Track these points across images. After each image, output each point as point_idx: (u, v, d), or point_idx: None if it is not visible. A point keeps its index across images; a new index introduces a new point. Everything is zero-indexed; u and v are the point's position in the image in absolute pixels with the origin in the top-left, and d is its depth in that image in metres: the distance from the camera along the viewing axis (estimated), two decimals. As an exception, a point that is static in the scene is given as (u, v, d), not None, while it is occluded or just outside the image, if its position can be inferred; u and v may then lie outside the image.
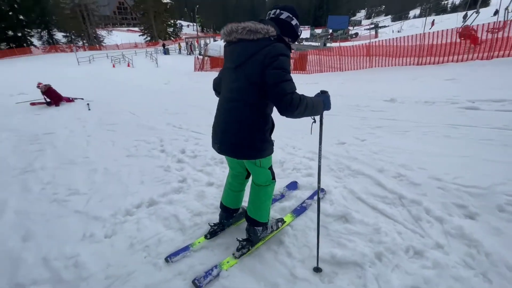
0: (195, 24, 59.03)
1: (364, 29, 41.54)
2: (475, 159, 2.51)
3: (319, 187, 1.68)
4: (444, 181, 2.19)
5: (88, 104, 6.92)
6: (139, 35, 52.07)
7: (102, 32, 46.25)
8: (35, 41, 40.48)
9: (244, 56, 1.33)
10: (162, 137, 4.17)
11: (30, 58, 30.51)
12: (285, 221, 1.95)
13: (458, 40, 8.07)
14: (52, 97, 7.10)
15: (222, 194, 1.89)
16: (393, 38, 9.72)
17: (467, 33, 8.15)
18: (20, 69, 18.27)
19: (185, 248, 1.77)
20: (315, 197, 2.19)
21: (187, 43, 33.68)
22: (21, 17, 37.48)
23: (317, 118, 1.58)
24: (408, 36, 9.15)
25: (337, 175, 2.56)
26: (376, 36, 34.30)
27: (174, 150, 3.58)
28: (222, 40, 1.45)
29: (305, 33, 50.96)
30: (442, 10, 59.36)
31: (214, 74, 14.35)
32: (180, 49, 34.04)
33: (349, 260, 1.58)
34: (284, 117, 1.35)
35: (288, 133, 3.72)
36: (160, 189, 2.59)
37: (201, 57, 19.69)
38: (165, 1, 52.83)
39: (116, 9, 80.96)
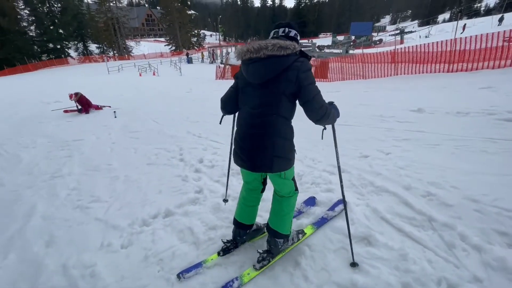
0: (217, 33, 60.83)
1: (389, 35, 40.30)
2: (517, 178, 2.26)
3: (344, 203, 1.61)
4: (481, 203, 1.98)
5: (114, 111, 7.25)
6: (165, 45, 54.57)
7: (131, 43, 49.08)
8: (71, 52, 43.94)
9: (275, 72, 1.36)
10: (182, 146, 4.24)
11: (67, 68, 33.00)
12: (306, 233, 1.89)
13: (499, 44, 7.44)
14: (83, 104, 7.54)
15: (236, 212, 1.84)
16: (420, 44, 9.28)
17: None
18: (57, 79, 19.76)
19: (198, 265, 1.73)
20: (336, 208, 2.09)
21: (209, 52, 34.66)
22: (60, 30, 40.94)
23: (328, 126, 1.67)
24: (437, 41, 8.70)
25: (359, 191, 2.41)
26: (401, 42, 33.11)
27: (192, 159, 3.61)
28: (240, 54, 1.46)
29: (327, 40, 50.51)
30: (474, 13, 56.20)
31: (235, 82, 14.45)
32: (203, 58, 35.09)
33: (372, 289, 1.45)
34: (315, 125, 1.53)
35: (308, 145, 3.61)
36: (177, 200, 2.60)
37: (222, 65, 20.11)
38: (190, 12, 55.10)
39: (145, 21, 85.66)
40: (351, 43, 34.54)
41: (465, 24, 30.69)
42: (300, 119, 1.72)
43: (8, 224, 2.45)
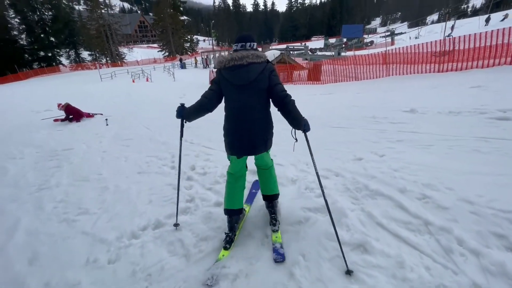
0: (210, 38, 60.98)
1: (380, 37, 40.87)
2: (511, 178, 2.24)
3: (329, 210, 1.58)
4: (477, 205, 1.95)
5: (106, 119, 7.13)
6: (158, 51, 54.41)
7: (123, 50, 48.77)
8: (63, 60, 43.47)
9: (255, 74, 1.77)
10: (174, 153, 4.15)
11: (59, 76, 32.61)
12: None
13: (487, 44, 7.52)
14: (73, 113, 7.41)
15: (227, 202, 2.01)
16: (411, 45, 9.40)
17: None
18: (48, 87, 19.48)
19: (216, 266, 1.77)
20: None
21: (202, 57, 34.67)
22: (51, 38, 40.55)
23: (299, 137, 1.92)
24: (427, 42, 8.81)
25: (353, 195, 2.36)
26: (392, 43, 33.60)
27: (184, 167, 3.52)
28: (222, 63, 1.80)
29: (319, 43, 51.01)
30: (462, 14, 57.42)
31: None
32: (196, 63, 35.05)
33: (369, 300, 1.39)
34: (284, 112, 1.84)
35: (301, 149, 3.56)
36: (168, 210, 2.52)
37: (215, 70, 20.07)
38: (182, 18, 55.16)
39: (137, 27, 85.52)
40: (343, 46, 34.93)
41: (453, 25, 31.29)
42: (287, 123, 1.77)
43: (-11, 241, 2.34)
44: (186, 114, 1.94)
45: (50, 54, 40.78)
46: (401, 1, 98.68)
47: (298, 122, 1.76)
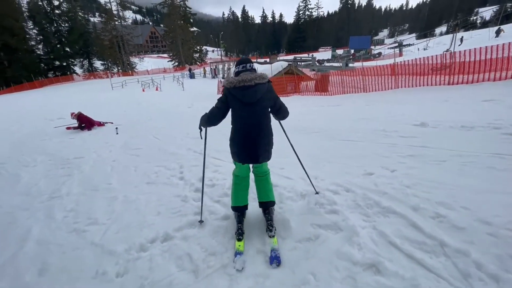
0: (219, 49, 62.21)
1: (388, 48, 40.94)
2: (530, 197, 2.16)
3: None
4: (495, 226, 1.88)
5: (116, 128, 7.28)
6: (168, 61, 55.76)
7: (134, 59, 50.21)
8: (77, 69, 44.95)
9: (261, 93, 2.03)
10: (182, 163, 4.17)
11: (72, 84, 33.63)
12: None
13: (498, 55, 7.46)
14: (84, 121, 7.59)
15: (234, 200, 2.28)
16: (420, 57, 9.37)
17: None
18: (62, 95, 20.09)
19: (238, 254, 1.96)
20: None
21: (211, 68, 35.31)
22: (67, 49, 42.11)
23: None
24: (437, 54, 8.78)
25: (365, 212, 2.31)
26: (400, 55, 33.59)
27: (192, 178, 3.55)
28: (232, 84, 2.00)
29: (326, 54, 51.41)
30: (471, 26, 57.21)
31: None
32: (205, 73, 35.70)
33: (383, 326, 1.34)
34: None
35: (309, 162, 3.54)
36: (176, 222, 2.51)
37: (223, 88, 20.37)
38: (192, 29, 56.64)
39: (148, 38, 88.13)
40: (351, 57, 35.08)
41: (462, 37, 31.16)
42: (302, 137, 1.74)
43: (1, 250, 2.37)
44: (206, 123, 2.27)
45: (65, 64, 42.27)
46: (408, 13, 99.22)
47: (281, 118, 2.41)
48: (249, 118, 2.04)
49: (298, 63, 30.59)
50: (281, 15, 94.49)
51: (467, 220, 1.98)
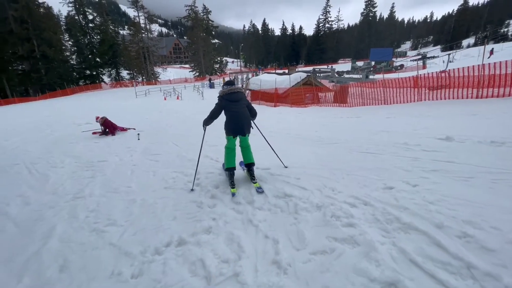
0: (239, 60, 63.69)
1: (410, 60, 39.86)
2: None
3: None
4: (530, 250, 1.72)
5: (138, 134, 7.57)
6: (189, 71, 57.82)
7: (158, 69, 52.59)
8: (105, 78, 47.85)
9: (241, 96, 3.44)
10: (199, 170, 4.24)
11: (100, 92, 35.69)
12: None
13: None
14: (108, 126, 7.98)
15: (227, 163, 3.48)
16: (445, 70, 9.04)
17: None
18: (90, 102, 21.34)
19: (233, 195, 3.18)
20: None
21: (230, 78, 36.13)
22: (97, 59, 45.10)
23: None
24: (465, 67, 8.43)
25: (384, 227, 2.21)
26: (424, 67, 32.58)
27: (208, 185, 3.59)
28: (224, 93, 3.41)
29: (346, 66, 50.99)
30: (502, 38, 54.61)
31: (254, 106, 14.84)
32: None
33: None
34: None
35: (326, 173, 3.48)
36: (191, 227, 2.54)
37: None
38: (214, 41, 58.66)
39: (172, 49, 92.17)
40: (371, 69, 34.52)
41: (492, 49, 29.76)
42: (320, 148, 1.71)
43: (27, 245, 2.50)
44: (206, 123, 3.67)
45: (94, 73, 45.22)
46: (433, 25, 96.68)
47: (254, 118, 3.68)
48: (236, 109, 3.35)
49: (317, 74, 30.52)
50: (300, 28, 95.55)
51: (498, 242, 1.84)
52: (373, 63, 41.31)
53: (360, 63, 45.30)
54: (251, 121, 3.55)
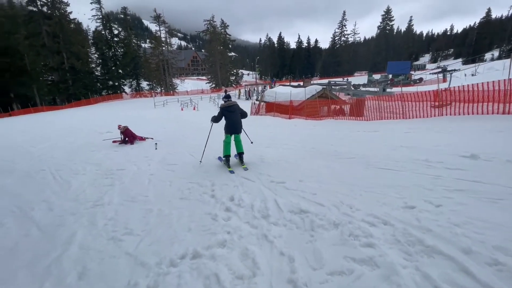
0: (254, 72, 64.84)
1: (430, 73, 38.90)
2: None
3: None
4: None
5: (156, 143, 7.79)
6: (206, 83, 59.37)
7: (176, 81, 54.43)
8: (126, 88, 50.16)
9: (235, 108, 4.99)
10: (214, 181, 4.27)
11: (121, 102, 37.26)
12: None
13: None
14: (128, 136, 8.27)
15: (224, 152, 4.93)
16: (468, 84, 8.73)
17: None
18: (111, 111, 22.29)
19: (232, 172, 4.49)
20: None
21: (245, 90, 36.73)
22: (120, 70, 47.54)
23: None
24: (489, 81, 8.11)
25: (406, 250, 2.11)
26: (444, 80, 31.67)
27: (223, 197, 3.60)
28: (224, 106, 4.95)
29: (362, 78, 50.52)
30: (528, 51, 52.32)
31: (268, 118, 14.96)
32: (239, 94, 37.17)
33: None
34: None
35: (343, 189, 3.40)
36: (205, 240, 2.54)
37: (257, 102, 20.97)
38: (230, 54, 60.28)
39: (190, 62, 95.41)
40: (388, 82, 33.98)
41: (518, 62, 28.52)
42: (336, 163, 1.68)
43: (49, 251, 2.59)
44: (214, 120, 5.05)
45: (116, 83, 47.55)
46: (453, 38, 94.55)
47: (245, 117, 5.15)
48: (233, 117, 4.88)
49: (333, 87, 30.41)
50: (316, 41, 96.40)
51: (534, 272, 1.70)
52: (390, 76, 40.70)
53: (376, 76, 44.77)
54: (241, 125, 5.12)
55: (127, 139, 8.29)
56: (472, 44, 75.29)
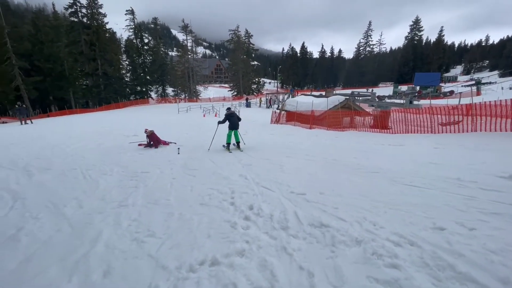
0: (276, 81, 65.29)
1: (462, 86, 36.85)
2: None
3: None
4: None
5: (178, 148, 8.03)
6: (228, 90, 60.68)
7: (200, 88, 56.19)
8: (152, 94, 52.59)
9: (235, 114, 8.20)
10: (234, 189, 4.31)
11: (147, 107, 39.02)
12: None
13: None
14: (153, 140, 8.60)
15: (227, 140, 7.99)
16: (506, 99, 8.17)
17: None
18: (138, 116, 23.38)
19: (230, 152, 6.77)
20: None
21: (267, 98, 37.00)
22: (147, 77, 50.08)
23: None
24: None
25: (435, 274, 1.98)
26: (478, 93, 29.85)
27: (243, 205, 3.61)
28: (227, 114, 8.15)
29: (387, 90, 48.97)
30: None
31: (289, 127, 14.90)
32: (260, 103, 37.50)
33: None
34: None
35: (366, 204, 3.28)
36: (224, 248, 2.56)
37: (278, 111, 21.01)
38: (253, 63, 61.30)
39: (214, 70, 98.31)
40: (416, 94, 32.64)
41: None
42: (358, 177, 1.64)
43: (78, 247, 2.73)
44: (222, 122, 8.04)
45: (144, 89, 50.02)
46: (489, 49, 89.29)
47: (240, 120, 8.28)
48: (233, 120, 7.93)
49: (356, 97, 29.76)
50: (340, 51, 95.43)
51: None
52: (417, 88, 39.12)
53: (403, 88, 43.21)
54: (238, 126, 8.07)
55: (152, 142, 8.63)
56: (511, 55, 70.54)
